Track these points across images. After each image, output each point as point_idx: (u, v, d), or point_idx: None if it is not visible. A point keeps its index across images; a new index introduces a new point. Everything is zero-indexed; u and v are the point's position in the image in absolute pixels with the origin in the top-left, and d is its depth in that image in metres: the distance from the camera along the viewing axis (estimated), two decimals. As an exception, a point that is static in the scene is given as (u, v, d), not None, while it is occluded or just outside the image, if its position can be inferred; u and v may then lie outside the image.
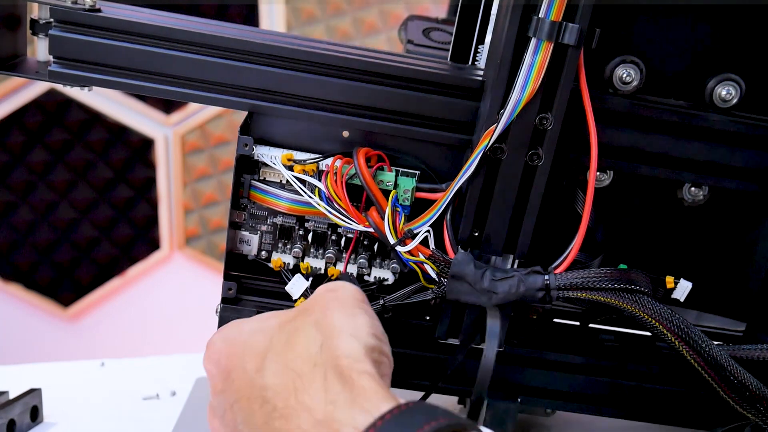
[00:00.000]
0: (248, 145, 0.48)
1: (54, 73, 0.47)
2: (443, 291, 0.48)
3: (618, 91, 0.48)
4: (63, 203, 1.60)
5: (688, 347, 0.46)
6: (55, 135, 1.58)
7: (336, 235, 0.52)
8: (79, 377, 0.74)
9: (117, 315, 1.68)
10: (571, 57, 0.44)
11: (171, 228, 1.65)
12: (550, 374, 0.53)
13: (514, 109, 0.44)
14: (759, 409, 0.46)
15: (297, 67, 0.47)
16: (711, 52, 0.48)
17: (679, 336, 0.46)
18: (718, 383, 0.46)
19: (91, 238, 1.63)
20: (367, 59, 0.48)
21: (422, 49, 0.66)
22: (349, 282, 0.43)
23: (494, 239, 0.48)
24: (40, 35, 0.49)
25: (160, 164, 1.62)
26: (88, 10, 0.47)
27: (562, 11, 0.42)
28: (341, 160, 0.48)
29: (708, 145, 0.48)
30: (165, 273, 1.68)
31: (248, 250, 0.52)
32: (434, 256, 0.47)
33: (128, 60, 0.47)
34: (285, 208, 0.50)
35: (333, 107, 0.48)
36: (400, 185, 0.49)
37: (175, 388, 0.71)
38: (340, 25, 1.63)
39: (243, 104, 0.48)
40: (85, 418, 0.65)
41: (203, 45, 0.47)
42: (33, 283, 1.63)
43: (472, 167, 0.46)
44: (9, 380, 0.70)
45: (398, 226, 0.47)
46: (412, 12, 1.08)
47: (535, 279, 0.45)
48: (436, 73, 0.48)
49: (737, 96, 0.48)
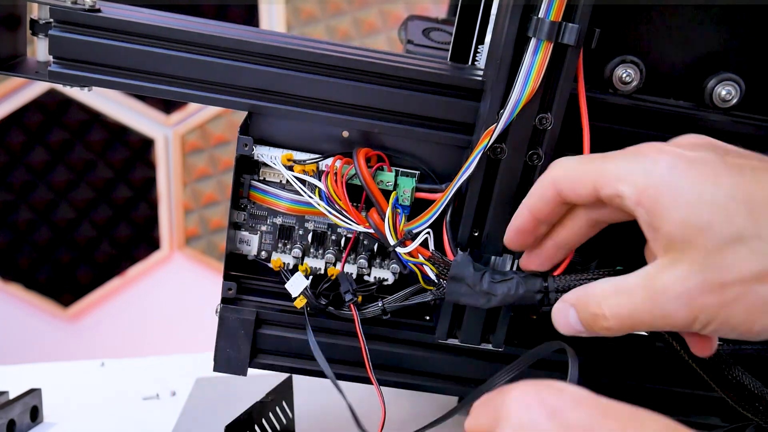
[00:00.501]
0: (248, 145, 0.48)
1: (54, 73, 0.47)
2: (442, 292, 0.48)
3: (618, 91, 0.48)
4: (63, 203, 1.61)
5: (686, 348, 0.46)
6: (55, 135, 1.58)
7: (336, 235, 0.52)
8: (79, 377, 0.74)
9: (117, 315, 1.68)
10: (571, 57, 0.44)
11: (171, 228, 1.66)
12: (549, 374, 0.53)
13: (514, 109, 0.44)
14: (758, 409, 0.46)
15: (297, 67, 0.47)
16: (711, 52, 0.48)
17: (677, 336, 0.46)
18: (718, 383, 0.46)
19: (91, 238, 1.63)
20: (367, 59, 0.48)
21: (422, 49, 0.65)
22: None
23: (494, 239, 0.48)
24: (40, 35, 0.49)
25: (160, 164, 1.62)
26: (88, 11, 0.47)
27: (562, 11, 0.42)
28: (341, 160, 0.48)
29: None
30: (165, 273, 1.68)
31: (248, 250, 0.52)
32: (434, 258, 0.47)
33: (128, 60, 0.47)
34: (285, 208, 0.50)
35: (333, 107, 0.48)
36: (399, 185, 0.49)
37: (175, 388, 0.71)
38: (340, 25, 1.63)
39: (243, 104, 0.48)
40: (85, 418, 0.65)
41: (203, 45, 0.47)
42: (33, 283, 1.63)
43: (471, 167, 0.46)
44: (9, 380, 0.70)
45: (398, 227, 0.47)
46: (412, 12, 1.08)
47: (533, 282, 0.45)
48: (436, 73, 0.48)
49: (737, 96, 0.48)
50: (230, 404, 0.55)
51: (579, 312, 0.40)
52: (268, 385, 0.57)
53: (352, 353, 0.51)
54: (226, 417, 0.52)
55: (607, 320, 0.38)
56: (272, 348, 0.52)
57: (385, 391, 0.49)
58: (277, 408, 0.58)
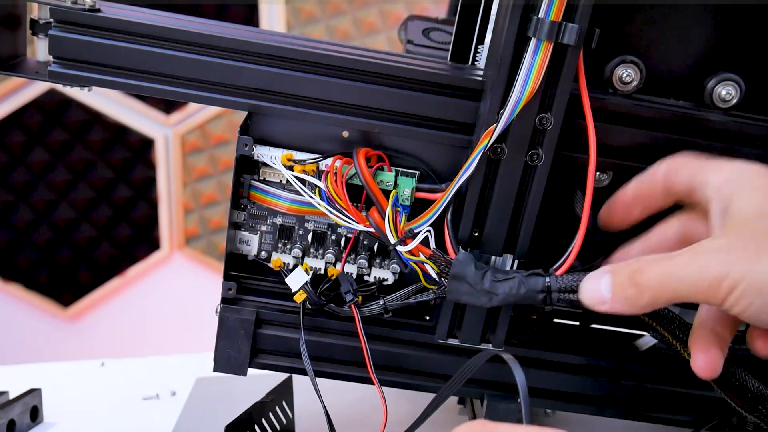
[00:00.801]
0: (248, 145, 0.48)
1: (54, 73, 0.47)
2: (444, 291, 0.48)
3: (618, 91, 0.48)
4: (63, 203, 1.61)
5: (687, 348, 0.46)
6: (55, 135, 1.58)
7: (336, 235, 0.52)
8: (79, 377, 0.74)
9: (117, 315, 1.68)
10: (571, 57, 0.44)
11: (171, 228, 1.66)
12: (550, 374, 0.53)
13: (514, 109, 0.44)
14: (760, 411, 0.46)
15: (297, 67, 0.47)
16: (711, 52, 0.48)
17: (678, 337, 0.46)
18: (718, 384, 0.46)
19: (91, 238, 1.63)
20: (367, 59, 0.48)
21: (422, 49, 0.65)
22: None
23: (494, 239, 0.48)
24: (40, 35, 0.49)
25: (160, 164, 1.62)
26: (88, 10, 0.47)
27: (562, 11, 0.42)
28: (341, 160, 0.48)
29: (708, 145, 0.48)
30: (165, 273, 1.68)
31: (248, 250, 0.52)
32: (435, 256, 0.47)
33: (128, 60, 0.47)
34: (285, 208, 0.50)
35: (333, 107, 0.48)
36: (399, 185, 0.49)
37: (175, 388, 0.71)
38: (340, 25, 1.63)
39: (243, 104, 0.48)
40: (85, 418, 0.65)
41: (203, 45, 0.47)
42: (33, 283, 1.63)
43: (471, 167, 0.46)
44: (9, 380, 0.70)
45: (399, 226, 0.47)
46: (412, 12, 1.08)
47: (536, 281, 0.45)
48: (436, 73, 0.48)
49: (737, 96, 0.48)
50: (230, 404, 0.55)
51: (615, 275, 0.42)
52: (268, 385, 0.57)
53: (352, 353, 0.51)
54: (226, 417, 0.52)
55: (644, 279, 0.40)
56: (272, 348, 0.52)
57: (385, 391, 0.49)
58: (277, 408, 0.58)
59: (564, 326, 0.56)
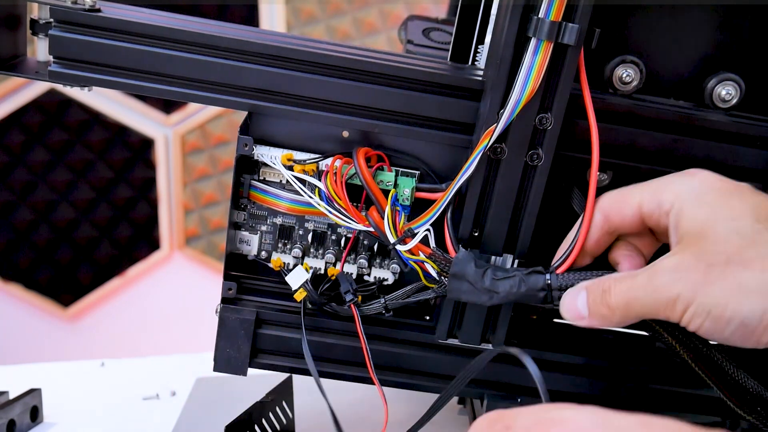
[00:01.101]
0: (248, 145, 0.48)
1: (54, 73, 0.47)
2: (444, 290, 0.48)
3: (618, 91, 0.48)
4: (63, 203, 1.60)
5: (687, 348, 0.46)
6: (55, 135, 1.58)
7: (336, 235, 0.52)
8: (79, 377, 0.74)
9: (117, 315, 1.68)
10: (571, 57, 0.44)
11: (171, 228, 1.65)
12: (550, 374, 0.53)
13: (514, 109, 0.44)
14: (759, 412, 0.46)
15: (297, 67, 0.47)
16: (711, 52, 0.48)
17: (678, 337, 0.46)
18: (718, 385, 0.46)
19: (91, 238, 1.63)
20: (367, 59, 0.48)
21: (422, 49, 0.65)
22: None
23: (494, 239, 0.48)
24: (40, 35, 0.49)
25: (160, 164, 1.62)
26: (88, 10, 0.47)
27: (562, 11, 0.42)
28: (341, 160, 0.48)
29: (708, 145, 0.48)
30: (165, 273, 1.68)
31: (248, 250, 0.52)
32: (435, 255, 0.47)
33: (128, 60, 0.47)
34: (285, 208, 0.50)
35: (333, 107, 0.48)
36: (399, 185, 0.49)
37: (175, 388, 0.71)
38: (340, 25, 1.63)
39: (243, 104, 0.48)
40: (85, 418, 0.65)
41: (203, 45, 0.47)
42: (33, 283, 1.63)
43: (471, 167, 0.46)
44: (9, 380, 0.70)
45: (398, 225, 0.47)
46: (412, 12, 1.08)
47: (536, 279, 0.45)
48: (436, 73, 0.48)
49: (737, 96, 0.48)
50: (230, 404, 0.55)
51: (589, 294, 0.43)
52: (268, 385, 0.57)
53: (352, 353, 0.51)
54: (226, 417, 0.52)
55: (612, 299, 0.41)
56: (272, 348, 0.52)
57: (385, 391, 0.49)
58: (277, 408, 0.58)
59: (564, 326, 0.56)
